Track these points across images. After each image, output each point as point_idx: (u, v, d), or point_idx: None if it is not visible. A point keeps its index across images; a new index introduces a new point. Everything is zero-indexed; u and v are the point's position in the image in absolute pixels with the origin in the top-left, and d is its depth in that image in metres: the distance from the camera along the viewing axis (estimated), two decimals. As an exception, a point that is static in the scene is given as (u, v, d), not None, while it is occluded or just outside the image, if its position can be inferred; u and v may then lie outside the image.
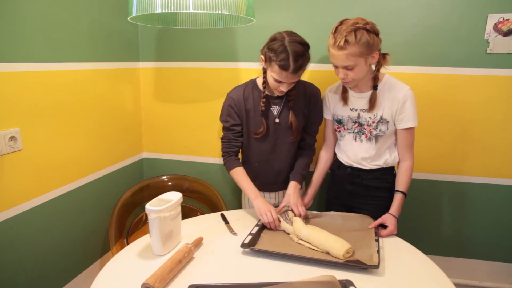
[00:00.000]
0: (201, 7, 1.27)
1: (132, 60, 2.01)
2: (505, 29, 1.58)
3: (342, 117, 1.43)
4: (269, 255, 1.11)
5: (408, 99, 1.30)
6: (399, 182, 1.37)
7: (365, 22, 1.22)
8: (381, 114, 1.34)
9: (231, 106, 1.44)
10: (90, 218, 1.81)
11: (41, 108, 1.46)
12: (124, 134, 2.00)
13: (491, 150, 1.74)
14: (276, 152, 1.47)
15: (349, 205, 1.50)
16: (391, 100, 1.32)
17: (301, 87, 1.46)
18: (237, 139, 1.47)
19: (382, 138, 1.37)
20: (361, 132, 1.39)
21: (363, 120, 1.38)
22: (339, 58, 1.23)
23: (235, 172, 1.44)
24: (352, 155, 1.44)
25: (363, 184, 1.44)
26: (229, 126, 1.46)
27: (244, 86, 1.47)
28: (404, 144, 1.37)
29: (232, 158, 1.46)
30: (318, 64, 1.80)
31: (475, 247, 1.88)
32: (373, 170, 1.42)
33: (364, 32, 1.19)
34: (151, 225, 1.08)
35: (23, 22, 1.35)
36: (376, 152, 1.39)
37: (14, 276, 1.43)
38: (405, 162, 1.38)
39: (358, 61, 1.22)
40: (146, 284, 0.91)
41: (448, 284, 0.99)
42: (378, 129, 1.36)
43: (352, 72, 1.25)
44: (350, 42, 1.19)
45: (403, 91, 1.31)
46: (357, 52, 1.20)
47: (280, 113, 1.44)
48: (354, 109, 1.39)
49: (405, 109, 1.31)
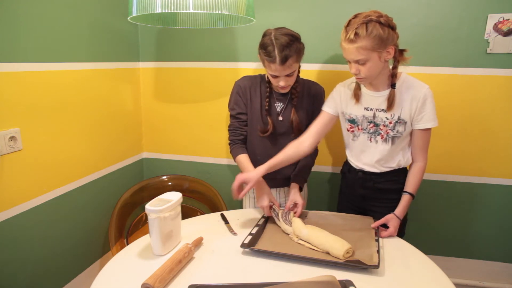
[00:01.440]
0: (201, 7, 1.27)
1: (132, 60, 2.01)
2: (505, 29, 1.58)
3: (356, 116, 1.33)
4: (269, 255, 1.11)
5: (428, 98, 1.23)
6: (408, 183, 1.31)
7: (379, 14, 1.15)
8: (399, 115, 1.26)
9: (238, 93, 1.47)
10: (90, 218, 1.81)
11: (41, 108, 1.46)
12: (124, 134, 2.00)
13: (491, 150, 1.74)
14: (278, 148, 1.46)
15: (362, 207, 1.44)
16: (410, 100, 1.24)
17: (306, 86, 1.47)
18: (243, 128, 1.49)
19: (398, 139, 1.30)
20: (376, 133, 1.31)
21: (379, 120, 1.29)
22: (349, 52, 1.17)
23: (238, 159, 1.46)
24: (366, 158, 1.36)
25: (376, 187, 1.38)
26: (235, 114, 1.48)
27: (253, 77, 1.50)
28: (419, 145, 1.29)
29: (238, 146, 1.48)
30: (318, 64, 1.80)
31: (475, 247, 1.88)
32: (385, 173, 1.35)
33: (376, 25, 1.13)
34: (151, 225, 1.08)
35: (23, 22, 1.35)
36: (390, 153, 1.32)
37: (14, 276, 1.43)
38: (417, 163, 1.31)
39: (370, 56, 1.15)
40: (146, 284, 0.91)
41: (448, 284, 0.98)
42: (396, 130, 1.28)
43: (365, 68, 1.18)
44: (360, 35, 1.13)
45: (424, 90, 1.23)
46: (368, 45, 1.13)
47: (284, 110, 1.45)
48: (370, 109, 1.31)
49: (425, 109, 1.24)
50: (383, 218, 1.27)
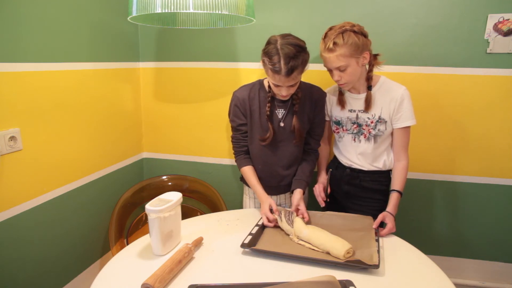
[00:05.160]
0: (201, 7, 1.27)
1: (132, 60, 2.01)
2: (505, 29, 1.58)
3: (340, 118, 1.45)
4: (269, 255, 1.11)
5: (405, 98, 1.34)
6: (395, 182, 1.39)
7: (352, 24, 1.28)
8: (379, 114, 1.37)
9: (236, 105, 1.44)
10: (90, 218, 1.81)
11: (41, 108, 1.46)
12: (124, 134, 2.00)
13: (491, 150, 1.74)
14: (280, 155, 1.46)
15: (344, 205, 1.52)
16: (388, 100, 1.36)
17: (308, 90, 1.44)
18: (245, 139, 1.48)
19: (381, 138, 1.40)
20: (360, 133, 1.43)
21: (361, 120, 1.41)
22: (330, 60, 1.29)
23: (243, 171, 1.48)
24: (351, 155, 1.46)
25: (362, 185, 1.46)
26: (236, 126, 1.47)
27: (251, 85, 1.46)
28: (399, 144, 1.40)
29: (242, 157, 1.49)
30: (319, 64, 1.79)
31: (475, 247, 1.88)
32: (372, 172, 1.44)
33: (351, 34, 1.25)
34: (151, 225, 1.08)
35: (23, 22, 1.35)
36: (374, 152, 1.42)
37: (14, 276, 1.43)
38: (400, 162, 1.40)
39: (349, 62, 1.27)
40: (146, 284, 0.91)
41: (448, 284, 0.99)
42: (377, 129, 1.39)
43: (345, 74, 1.30)
44: (338, 44, 1.25)
45: (400, 91, 1.35)
46: (346, 52, 1.26)
47: (285, 117, 1.42)
48: (353, 110, 1.42)
49: (402, 108, 1.35)
50: (379, 217, 1.30)
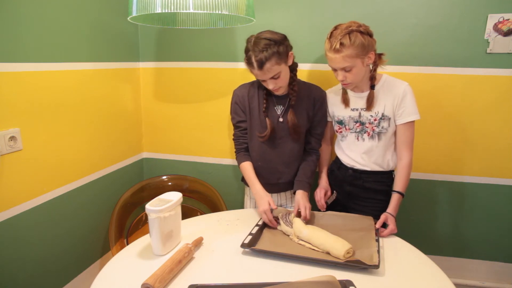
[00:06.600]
0: (201, 7, 1.27)
1: (132, 60, 2.01)
2: (505, 29, 1.58)
3: (343, 117, 1.45)
4: (269, 255, 1.11)
5: (408, 94, 1.34)
6: (396, 182, 1.38)
7: (358, 24, 1.27)
8: (383, 111, 1.37)
9: (236, 103, 1.47)
10: (90, 218, 1.81)
11: (41, 108, 1.46)
12: (124, 134, 2.00)
13: (491, 150, 1.73)
14: (279, 151, 1.47)
15: (346, 205, 1.51)
16: (391, 97, 1.35)
17: (306, 89, 1.46)
18: (244, 136, 1.50)
19: (385, 135, 1.39)
20: (363, 131, 1.42)
21: (364, 119, 1.40)
22: (336, 61, 1.28)
23: (241, 167, 1.49)
24: (355, 155, 1.44)
25: (364, 186, 1.45)
26: (235, 123, 1.50)
27: (250, 83, 1.49)
28: (403, 140, 1.38)
29: (241, 153, 1.50)
30: (318, 64, 1.80)
31: (475, 247, 1.88)
32: (375, 173, 1.43)
33: (358, 34, 1.25)
34: (151, 225, 1.08)
35: (23, 22, 1.35)
36: (379, 150, 1.40)
37: (14, 276, 1.43)
38: (402, 160, 1.39)
39: (355, 62, 1.27)
40: (146, 284, 0.91)
41: (448, 284, 0.99)
42: (381, 126, 1.38)
43: (351, 74, 1.29)
44: (345, 44, 1.24)
45: (403, 86, 1.35)
46: (353, 53, 1.25)
47: (284, 113, 1.44)
48: (355, 109, 1.42)
49: (405, 103, 1.34)
50: (381, 218, 1.30)
